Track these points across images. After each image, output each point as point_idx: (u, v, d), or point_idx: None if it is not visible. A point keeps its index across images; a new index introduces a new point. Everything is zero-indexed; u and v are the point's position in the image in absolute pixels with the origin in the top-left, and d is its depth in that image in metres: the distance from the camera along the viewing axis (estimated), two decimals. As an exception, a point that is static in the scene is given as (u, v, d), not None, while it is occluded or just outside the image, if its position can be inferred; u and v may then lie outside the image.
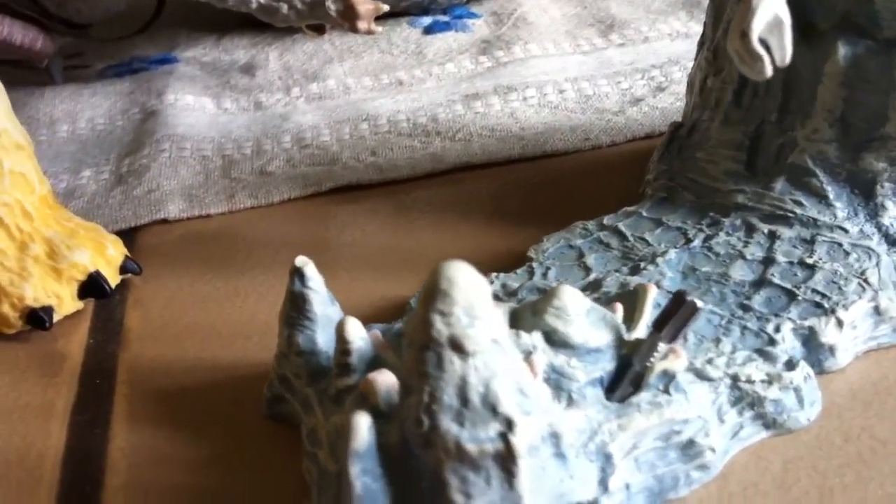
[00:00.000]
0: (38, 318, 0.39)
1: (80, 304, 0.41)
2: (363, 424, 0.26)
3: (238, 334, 0.39)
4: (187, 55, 0.67)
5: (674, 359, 0.30)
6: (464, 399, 0.25)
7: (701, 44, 0.43)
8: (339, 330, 0.31)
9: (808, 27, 0.38)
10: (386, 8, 0.55)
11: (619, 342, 0.31)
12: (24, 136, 0.40)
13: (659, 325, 0.30)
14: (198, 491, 0.32)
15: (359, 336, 0.31)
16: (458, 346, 0.25)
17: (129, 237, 0.46)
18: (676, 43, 0.61)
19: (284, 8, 0.56)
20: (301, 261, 0.33)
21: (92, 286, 0.41)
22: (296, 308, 0.33)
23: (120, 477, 0.33)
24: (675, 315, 0.30)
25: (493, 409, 0.26)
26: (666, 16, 0.65)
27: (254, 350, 0.38)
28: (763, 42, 0.30)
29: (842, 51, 0.37)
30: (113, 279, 0.42)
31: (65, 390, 0.37)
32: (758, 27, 0.29)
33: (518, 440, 0.26)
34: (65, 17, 0.60)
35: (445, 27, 0.67)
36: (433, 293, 0.25)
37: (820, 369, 0.34)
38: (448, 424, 0.26)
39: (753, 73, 0.29)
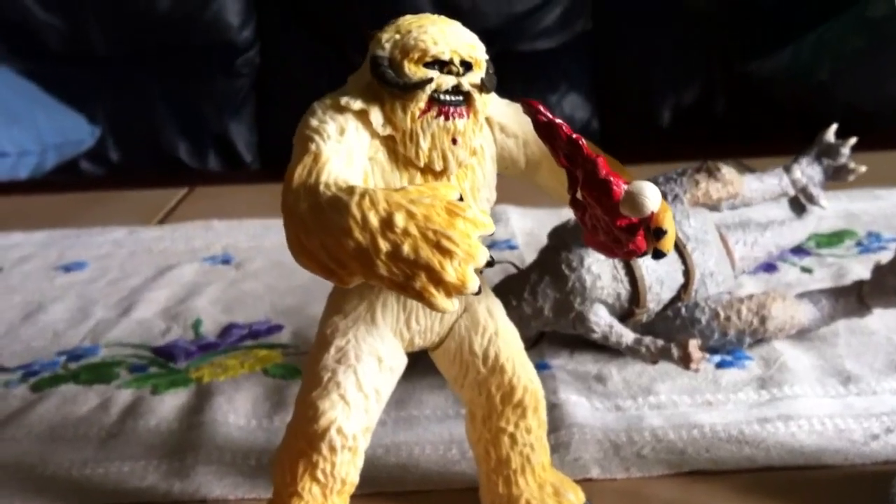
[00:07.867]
0: (550, 525, 0.72)
1: (567, 521, 0.73)
2: None
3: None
4: (555, 363, 1.02)
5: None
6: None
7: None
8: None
9: None
10: (708, 356, 0.89)
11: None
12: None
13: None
14: None
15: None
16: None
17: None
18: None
19: (643, 349, 0.91)
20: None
21: (576, 513, 0.73)
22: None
23: None
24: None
25: None
26: (886, 375, 0.96)
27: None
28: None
29: None
30: (582, 508, 0.74)
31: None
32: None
33: None
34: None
35: (730, 364, 1.00)
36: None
37: None
38: None
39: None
